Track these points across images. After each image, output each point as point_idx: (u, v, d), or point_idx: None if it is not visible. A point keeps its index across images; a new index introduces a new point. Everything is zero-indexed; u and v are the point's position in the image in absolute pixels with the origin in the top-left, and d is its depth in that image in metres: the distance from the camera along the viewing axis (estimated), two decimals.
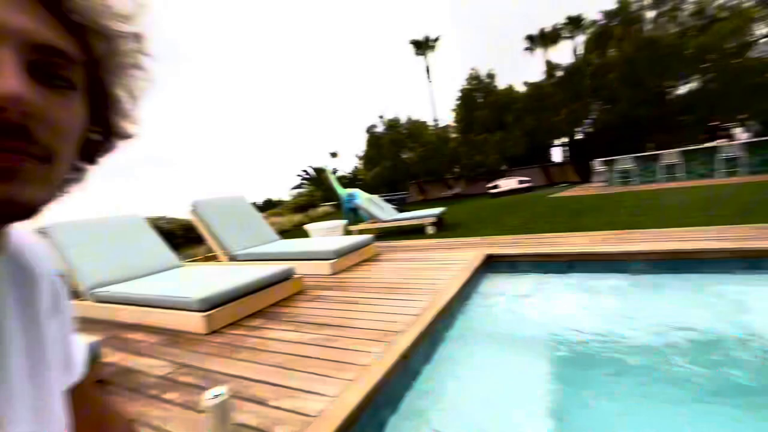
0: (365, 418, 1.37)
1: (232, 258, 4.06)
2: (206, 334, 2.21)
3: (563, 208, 7.65)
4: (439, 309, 2.12)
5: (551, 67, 19.12)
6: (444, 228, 7.17)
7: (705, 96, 15.17)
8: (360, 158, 24.15)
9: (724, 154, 9.57)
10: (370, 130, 20.79)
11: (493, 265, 3.27)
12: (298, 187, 30.32)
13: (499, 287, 2.97)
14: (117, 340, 2.33)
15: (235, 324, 2.35)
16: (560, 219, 6.22)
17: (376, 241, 4.32)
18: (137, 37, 0.38)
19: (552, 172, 18.99)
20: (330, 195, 20.80)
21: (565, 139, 20.31)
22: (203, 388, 1.57)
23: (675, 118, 15.74)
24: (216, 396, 1.20)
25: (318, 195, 20.78)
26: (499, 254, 3.29)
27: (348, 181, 23.76)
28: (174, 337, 2.25)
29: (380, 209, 8.13)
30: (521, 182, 15.48)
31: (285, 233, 10.66)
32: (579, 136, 19.55)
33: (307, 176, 30.73)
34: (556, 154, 21.88)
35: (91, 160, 0.41)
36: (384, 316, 2.14)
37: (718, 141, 10.84)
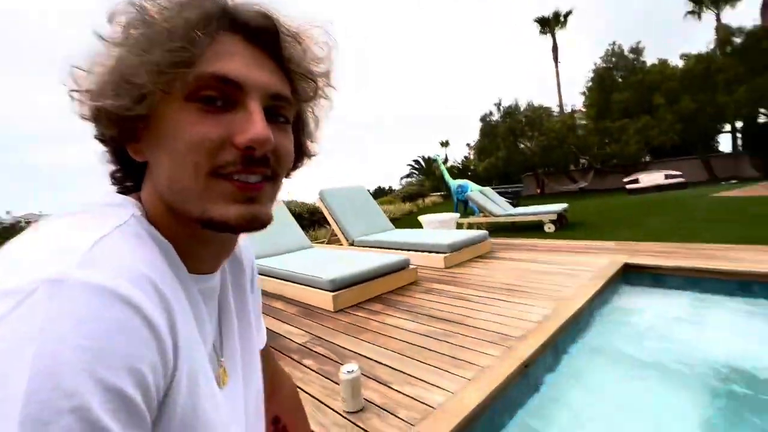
0: (484, 420, 1.38)
1: (352, 243, 4.42)
2: (334, 312, 2.48)
3: (734, 212, 6.15)
4: (564, 319, 1.96)
5: (727, 33, 15.19)
6: (567, 227, 6.51)
7: None
8: (471, 148, 23.42)
9: None
10: (484, 118, 19.90)
11: (631, 276, 2.86)
12: (408, 176, 31.06)
13: (640, 304, 2.58)
14: (264, 307, 2.79)
15: (357, 306, 2.58)
16: (729, 225, 5.02)
17: (492, 238, 4.17)
18: (328, 73, 0.45)
19: (716, 165, 15.37)
20: (439, 185, 20.76)
21: (739, 124, 16.10)
22: (334, 361, 1.78)
23: None
24: (350, 371, 1.35)
25: (427, 185, 20.97)
26: (641, 264, 2.84)
27: (458, 172, 23.33)
28: (308, 310, 2.58)
29: (492, 202, 7.78)
30: (669, 177, 12.93)
31: (395, 221, 11.11)
32: (762, 120, 15.25)
33: (417, 166, 31.23)
34: (725, 143, 17.56)
35: (288, 175, 0.50)
36: (501, 319, 2.08)
37: None
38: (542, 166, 17.55)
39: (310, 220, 10.28)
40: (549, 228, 6.34)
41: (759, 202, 6.92)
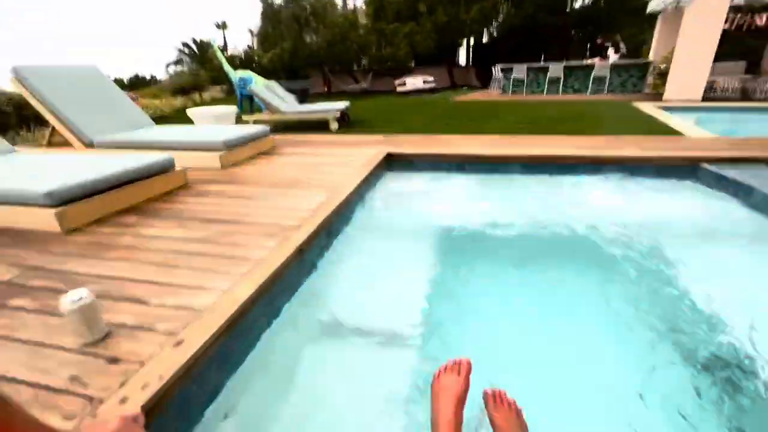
0: (259, 308, 1.40)
1: (90, 145, 3.34)
2: (64, 234, 1.88)
3: (462, 112, 8.00)
4: (337, 204, 2.13)
5: None
6: (349, 124, 6.95)
7: (595, 12, 16.27)
8: (254, 35, 20.68)
9: (596, 73, 10.78)
10: None
11: (393, 163, 3.35)
12: (177, 63, 25.25)
13: (398, 184, 3.10)
14: None
15: (102, 221, 2.03)
16: (458, 122, 6.53)
17: (275, 133, 3.98)
18: None
19: (456, 74, 19.21)
20: (220, 76, 17.91)
21: (472, 41, 20.27)
22: (64, 292, 1.37)
23: (569, 31, 16.74)
24: (78, 299, 1.05)
25: (204, 76, 17.69)
26: (399, 153, 3.35)
27: (240, 63, 20.57)
28: (16, 238, 1.86)
29: (279, 99, 7.35)
30: (426, 82, 15.42)
31: (164, 119, 9.14)
32: (485, 39, 19.63)
33: (189, 51, 25.57)
34: (462, 56, 21.94)
35: None
36: (281, 212, 2.08)
37: (592, 60, 12.05)
38: (328, 61, 17.50)
39: (20, 115, 7.11)
40: (334, 126, 6.62)
41: (476, 105, 9.26)
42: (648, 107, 6.94)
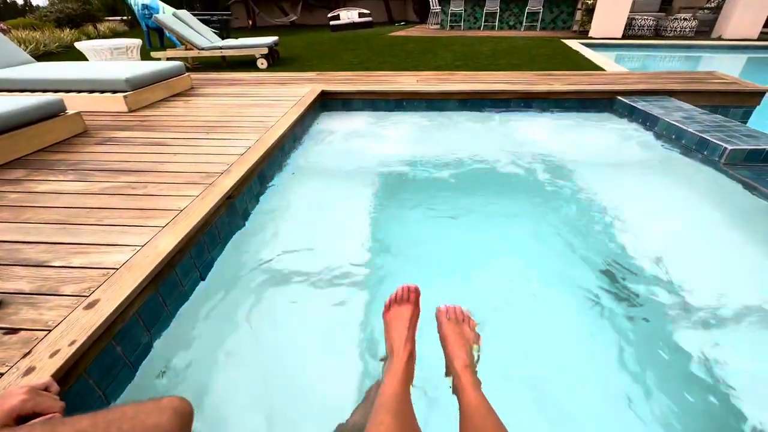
0: (186, 261, 1.30)
1: None
2: None
3: (399, 48, 7.66)
4: (268, 147, 1.98)
5: None
6: (278, 62, 6.36)
7: None
8: None
9: (530, 8, 10.76)
10: None
11: (327, 103, 3.16)
12: None
13: (333, 124, 2.95)
14: None
15: None
16: (395, 59, 6.26)
17: (193, 73, 3.50)
18: None
19: (393, 8, 18.13)
20: (119, 5, 15.08)
21: None
22: None
23: None
24: None
25: (97, 3, 14.76)
26: (334, 91, 3.15)
27: None
28: None
29: (194, 31, 6.40)
30: (361, 15, 14.38)
31: (48, 57, 7.65)
32: None
33: None
34: None
35: None
36: (203, 158, 1.88)
37: None
38: None
39: None
40: (262, 64, 5.99)
41: (413, 40, 8.90)
42: (575, 44, 7.18)
